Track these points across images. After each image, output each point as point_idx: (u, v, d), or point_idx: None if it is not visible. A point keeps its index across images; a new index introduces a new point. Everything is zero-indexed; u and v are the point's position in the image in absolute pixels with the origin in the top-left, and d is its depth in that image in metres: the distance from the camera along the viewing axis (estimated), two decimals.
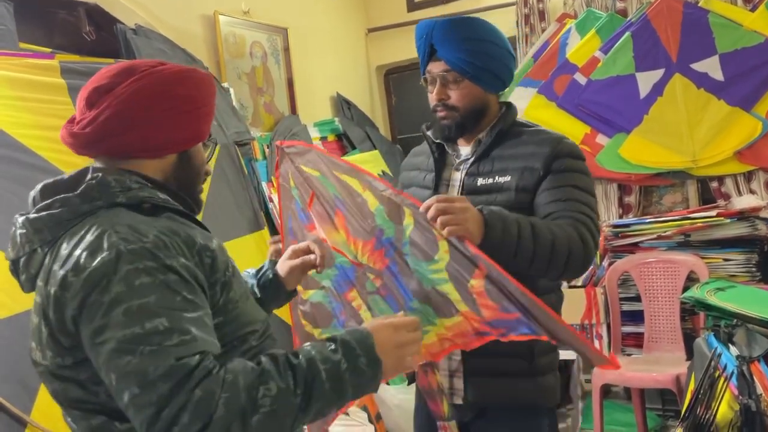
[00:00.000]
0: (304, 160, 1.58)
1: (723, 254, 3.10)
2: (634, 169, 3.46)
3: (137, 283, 0.90)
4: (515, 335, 1.35)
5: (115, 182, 1.01)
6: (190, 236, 0.99)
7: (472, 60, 1.52)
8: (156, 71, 1.05)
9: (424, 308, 1.44)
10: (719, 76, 3.30)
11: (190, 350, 0.89)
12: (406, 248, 1.44)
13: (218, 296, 1.01)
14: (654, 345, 3.15)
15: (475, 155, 1.60)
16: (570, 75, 3.60)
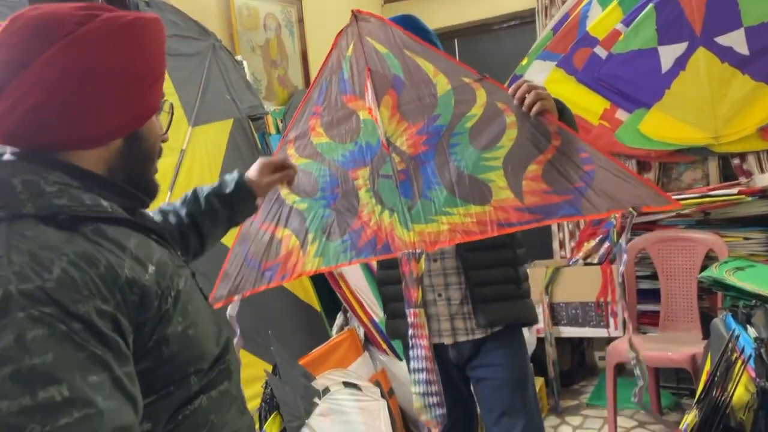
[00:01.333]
0: (374, 34, 1.65)
1: (743, 233, 3.07)
2: (655, 145, 3.41)
3: (30, 336, 0.69)
4: (554, 218, 1.50)
5: (23, 186, 0.79)
6: (112, 267, 0.77)
7: None
8: (81, 36, 0.81)
9: (445, 196, 1.58)
10: (744, 50, 3.21)
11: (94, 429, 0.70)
12: (457, 137, 1.58)
13: (147, 338, 0.81)
14: (670, 324, 3.13)
15: None
16: (590, 48, 3.52)
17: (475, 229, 1.55)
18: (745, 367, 1.76)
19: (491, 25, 4.17)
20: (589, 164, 1.47)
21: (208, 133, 2.52)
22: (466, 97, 1.57)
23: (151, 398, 0.82)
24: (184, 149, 2.40)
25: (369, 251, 1.68)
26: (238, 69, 2.82)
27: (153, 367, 0.82)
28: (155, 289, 0.82)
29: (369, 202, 1.69)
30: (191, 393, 0.87)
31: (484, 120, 1.56)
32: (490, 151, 1.55)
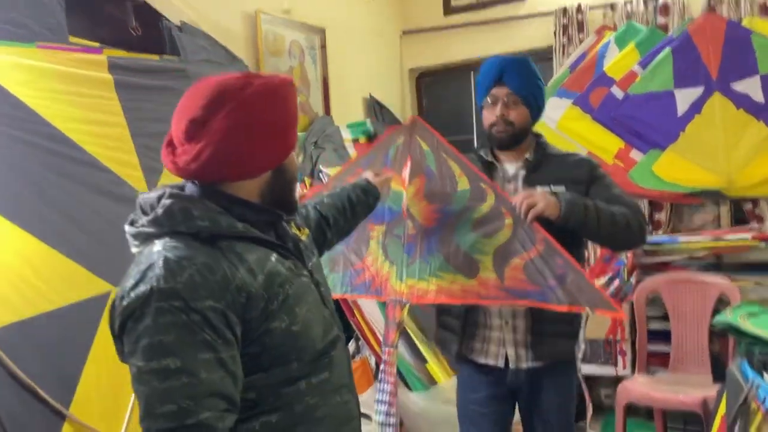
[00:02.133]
0: (423, 136, 2.06)
1: (755, 278, 3.09)
2: (667, 186, 3.43)
3: (162, 321, 1.00)
4: (522, 301, 1.87)
5: (180, 212, 1.09)
6: (227, 276, 1.06)
7: (530, 90, 1.98)
8: (244, 99, 1.10)
9: (440, 263, 1.95)
10: (760, 97, 3.26)
11: (195, 394, 0.99)
12: (463, 223, 1.95)
13: (254, 329, 1.09)
14: (680, 366, 3.14)
15: (527, 170, 2.02)
16: (607, 88, 3.57)
17: (458, 294, 1.93)
18: (764, 416, 1.77)
19: None
20: (562, 269, 1.82)
21: None
22: (479, 196, 1.94)
23: (257, 375, 1.09)
24: None
25: (362, 290, 2.08)
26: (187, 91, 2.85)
27: (259, 351, 1.09)
28: (262, 293, 1.09)
29: (376, 252, 2.08)
30: (292, 376, 1.13)
31: (488, 217, 1.92)
32: (487, 239, 1.92)
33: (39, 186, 1.93)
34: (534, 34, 4.00)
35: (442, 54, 4.32)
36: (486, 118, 2.02)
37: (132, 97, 2.21)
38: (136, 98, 2.22)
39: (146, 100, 2.26)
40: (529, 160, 2.02)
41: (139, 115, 2.22)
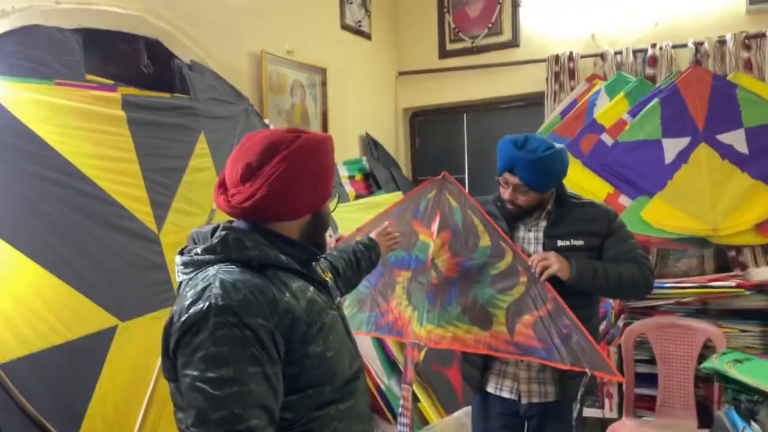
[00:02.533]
0: (452, 192, 2.28)
1: (740, 325, 3.17)
2: (654, 232, 3.53)
3: (218, 334, 1.10)
4: (528, 357, 2.06)
5: (234, 242, 1.22)
6: (275, 299, 1.16)
7: (540, 182, 2.09)
8: (296, 148, 1.25)
9: (458, 313, 2.16)
10: (744, 149, 3.39)
11: (245, 403, 1.08)
12: (482, 277, 2.16)
13: (295, 351, 1.18)
14: (666, 410, 3.20)
15: (549, 221, 2.18)
16: (597, 135, 3.69)
17: (471, 344, 2.12)
18: None
19: (500, 103, 4.34)
20: (567, 329, 2.00)
21: None
22: (498, 253, 2.14)
23: (294, 396, 1.18)
24: (215, 209, 2.47)
25: (385, 330, 2.29)
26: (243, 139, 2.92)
27: (297, 372, 1.19)
28: (304, 318, 1.20)
29: (400, 296, 2.28)
30: (324, 400, 1.22)
31: (505, 273, 2.12)
32: (503, 294, 2.12)
33: (51, 219, 1.96)
34: (526, 80, 4.12)
35: (435, 95, 4.43)
36: (500, 191, 2.18)
37: (143, 133, 2.26)
38: (147, 134, 2.27)
39: (157, 137, 2.31)
40: (550, 211, 2.17)
41: (150, 151, 2.27)
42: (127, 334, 2.03)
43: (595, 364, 2.00)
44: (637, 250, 2.16)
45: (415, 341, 2.21)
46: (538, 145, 2.07)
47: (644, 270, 2.11)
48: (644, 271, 2.11)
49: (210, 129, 2.54)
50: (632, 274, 2.09)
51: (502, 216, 2.22)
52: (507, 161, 2.09)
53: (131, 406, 1.98)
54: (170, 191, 2.31)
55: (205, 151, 2.49)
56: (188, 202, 2.36)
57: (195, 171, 2.43)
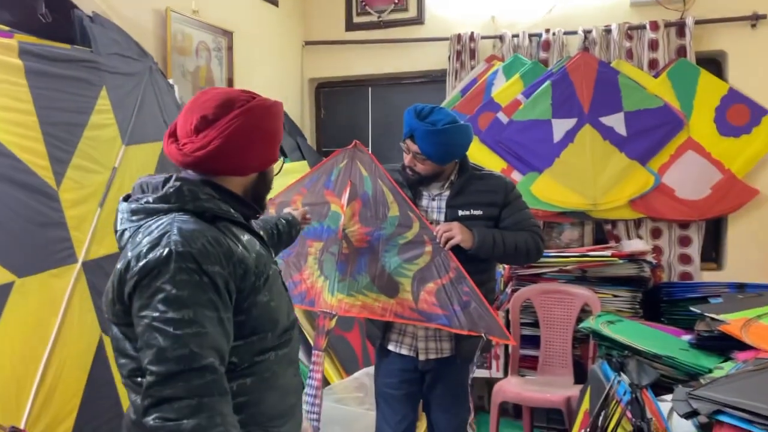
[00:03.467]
0: (363, 161, 2.32)
1: (613, 290, 3.46)
2: (542, 206, 3.77)
3: (178, 278, 1.14)
4: (430, 323, 2.20)
5: (188, 192, 1.26)
6: (230, 249, 1.23)
7: (439, 153, 2.17)
8: (250, 107, 1.30)
9: (367, 282, 2.27)
10: (623, 131, 3.68)
11: (203, 343, 1.13)
12: (390, 247, 2.26)
13: (244, 300, 1.25)
14: (547, 368, 3.45)
15: (451, 192, 2.28)
16: (493, 113, 3.87)
17: (378, 311, 2.25)
18: (623, 409, 2.03)
19: (403, 79, 4.42)
20: (467, 296, 2.15)
21: (140, 153, 2.52)
22: (406, 223, 2.24)
23: (240, 342, 1.25)
24: (117, 167, 2.39)
25: (298, 300, 2.37)
26: (170, 92, 2.84)
27: (245, 320, 1.25)
28: (254, 269, 1.26)
29: (312, 267, 2.37)
30: (266, 347, 1.30)
31: (411, 243, 2.23)
32: (409, 263, 2.23)
33: None
34: (430, 57, 4.22)
35: (341, 67, 4.45)
36: (404, 157, 2.27)
37: (42, 84, 2.14)
38: (45, 86, 2.15)
39: (56, 89, 2.19)
40: (453, 182, 2.28)
41: (49, 104, 2.15)
42: (24, 291, 1.94)
43: (490, 329, 2.17)
44: (530, 220, 2.33)
45: (327, 310, 2.30)
46: (440, 118, 2.15)
47: (536, 238, 2.29)
48: (536, 239, 2.29)
49: (112, 85, 2.44)
50: (526, 242, 2.25)
51: (407, 183, 2.30)
52: (408, 129, 2.19)
53: (29, 364, 1.91)
54: (70, 147, 2.21)
55: (107, 107, 2.40)
56: (89, 159, 2.27)
57: (96, 127, 2.33)
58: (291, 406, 1.39)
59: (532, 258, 2.35)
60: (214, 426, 1.11)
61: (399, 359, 2.33)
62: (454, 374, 2.32)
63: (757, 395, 1.72)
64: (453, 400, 2.33)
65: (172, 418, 1.09)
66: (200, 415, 1.10)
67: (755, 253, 3.62)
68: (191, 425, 1.09)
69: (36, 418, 1.88)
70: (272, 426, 1.32)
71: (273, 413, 1.32)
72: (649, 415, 1.96)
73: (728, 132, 3.58)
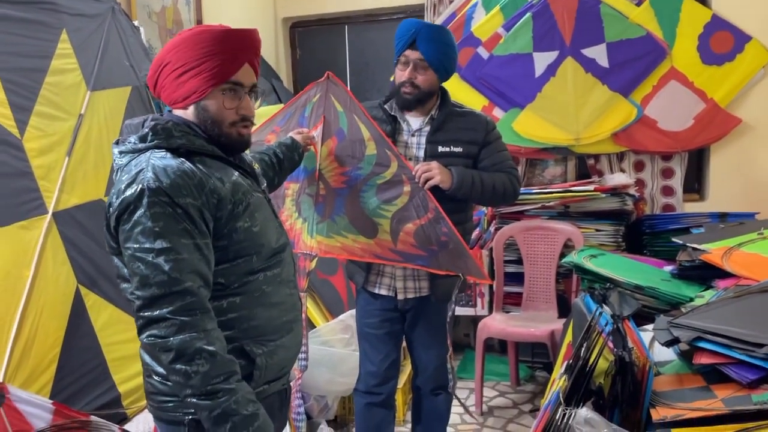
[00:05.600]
0: (337, 95, 2.21)
1: (596, 225, 3.47)
2: (524, 142, 3.73)
3: (152, 212, 1.25)
4: (409, 264, 2.20)
5: (162, 130, 1.35)
6: (202, 181, 1.31)
7: (440, 58, 2.13)
8: (171, 41, 1.38)
9: (345, 223, 2.23)
10: (605, 62, 3.61)
11: (181, 268, 1.24)
12: (368, 187, 2.19)
13: (224, 226, 1.34)
14: (531, 304, 3.48)
15: (432, 128, 2.23)
16: (473, 48, 3.78)
17: (358, 252, 2.23)
18: (605, 339, 2.05)
19: (380, 15, 4.29)
20: (445, 237, 2.14)
21: (106, 99, 2.43)
22: (384, 162, 2.16)
23: (226, 264, 1.35)
24: (83, 114, 2.31)
25: None
26: (135, 35, 2.73)
27: (227, 244, 1.35)
28: (229, 197, 1.34)
29: (290, 208, 2.31)
30: (253, 268, 1.39)
31: (390, 183, 2.17)
32: (387, 204, 2.19)
33: None
34: None
35: (315, 4, 4.31)
36: (397, 77, 2.20)
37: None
38: (2, 31, 2.05)
39: (13, 33, 2.08)
40: (433, 117, 2.24)
41: (6, 49, 2.04)
42: None
43: (468, 270, 2.18)
44: (508, 161, 2.30)
45: (307, 252, 2.29)
46: None
47: (513, 180, 2.27)
48: (513, 181, 2.26)
49: (73, 27, 2.33)
50: (504, 184, 2.23)
51: (387, 119, 2.25)
52: (408, 35, 2.13)
53: (3, 318, 1.88)
54: (32, 93, 2.12)
55: (69, 51, 2.29)
56: (53, 106, 2.18)
57: (58, 72, 2.23)
58: (287, 322, 1.48)
59: (508, 200, 2.33)
60: (198, 340, 1.23)
61: (379, 299, 2.34)
62: (432, 312, 2.34)
63: (736, 321, 1.73)
64: (433, 338, 2.35)
65: (161, 336, 1.23)
66: (184, 332, 1.23)
67: (737, 182, 3.62)
68: (177, 341, 1.22)
69: (14, 370, 1.86)
70: (267, 339, 1.42)
71: (267, 328, 1.42)
72: (630, 344, 1.97)
73: (711, 60, 3.52)
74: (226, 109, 1.40)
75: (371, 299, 2.36)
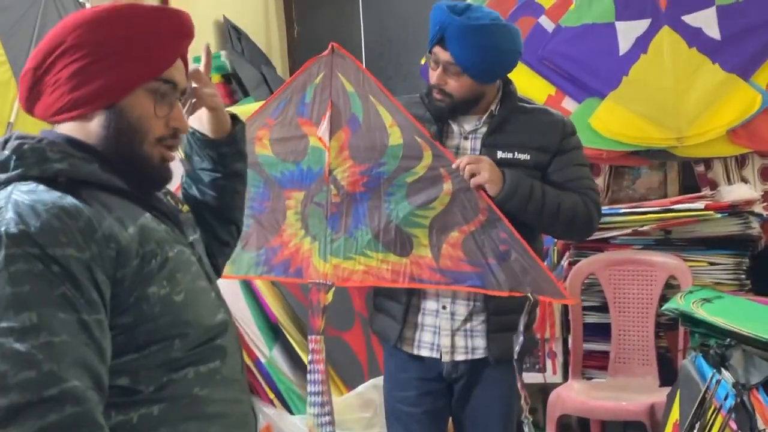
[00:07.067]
0: (346, 72, 2.24)
1: (708, 256, 3.44)
2: (607, 144, 3.72)
3: (12, 270, 1.08)
4: (459, 286, 2.19)
5: (31, 152, 1.20)
6: (91, 223, 1.14)
7: (478, 62, 2.14)
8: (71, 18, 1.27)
9: (369, 239, 2.25)
10: (715, 33, 3.60)
11: (57, 358, 1.06)
12: (396, 188, 2.22)
13: (128, 293, 1.18)
14: (622, 367, 3.46)
15: (489, 128, 2.26)
16: (534, 18, 3.81)
17: (388, 276, 2.24)
18: (724, 417, 2.04)
19: None
20: (505, 245, 2.12)
21: None
22: (414, 154, 2.18)
23: (132, 356, 1.18)
24: (12, 122, 2.38)
25: (280, 271, 2.33)
26: None
27: (133, 323, 1.18)
28: (135, 248, 1.19)
29: (294, 225, 2.31)
30: (175, 359, 1.22)
31: (424, 180, 2.19)
32: (423, 209, 2.19)
33: None
34: None
35: None
36: (429, 75, 2.24)
37: None
38: None
39: None
40: (494, 113, 2.27)
41: None
42: None
43: (539, 287, 2.15)
44: (586, 180, 2.32)
45: (320, 281, 2.28)
46: (481, 15, 2.14)
47: (590, 205, 2.26)
48: (589, 207, 2.26)
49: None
50: (574, 207, 2.22)
51: (432, 118, 2.27)
52: (437, 29, 2.15)
53: None
54: None
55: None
56: None
57: None
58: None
59: (579, 231, 2.36)
60: None
61: (417, 364, 2.33)
62: (493, 381, 2.32)
63: None
64: (493, 418, 2.33)
65: None
66: None
67: None
68: None
69: None
70: None
71: None
72: (761, 425, 1.97)
73: None
74: (154, 117, 1.29)
75: (406, 364, 2.35)
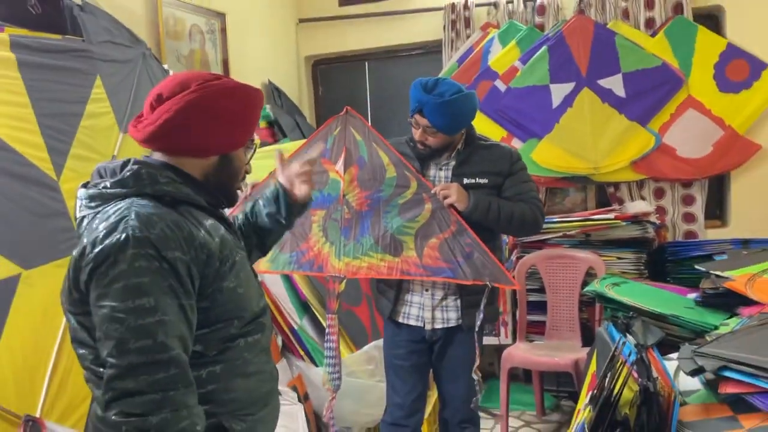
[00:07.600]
0: (356, 127, 2.36)
1: (617, 253, 3.45)
2: (543, 172, 3.74)
3: (137, 265, 1.09)
4: (436, 277, 2.24)
5: (147, 176, 1.21)
6: (192, 234, 1.18)
7: (449, 124, 2.20)
8: (207, 86, 1.25)
9: (371, 244, 2.31)
10: (621, 92, 3.63)
11: (167, 332, 1.09)
12: (391, 207, 2.30)
13: (209, 285, 1.20)
14: (555, 333, 3.45)
15: (458, 161, 2.31)
16: (491, 81, 3.83)
17: (385, 271, 2.29)
18: (629, 369, 2.03)
19: (399, 51, 4.36)
20: (469, 248, 2.21)
21: None
22: (404, 183, 2.29)
23: (206, 330, 1.21)
24: (116, 155, 2.38)
25: (307, 267, 2.42)
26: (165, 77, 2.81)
27: (209, 307, 1.20)
28: (218, 254, 1.21)
29: (317, 234, 2.40)
30: (232, 334, 1.25)
31: (411, 202, 2.28)
32: (410, 222, 2.27)
33: None
34: (424, 29, 4.16)
35: (336, 43, 4.40)
36: (413, 132, 2.29)
37: (36, 76, 2.11)
38: (39, 77, 2.13)
39: (50, 80, 2.17)
40: (459, 151, 2.31)
41: (44, 95, 2.13)
42: (31, 282, 1.95)
43: (495, 277, 2.20)
44: (531, 192, 2.33)
45: (336, 274, 2.35)
46: (446, 89, 2.16)
47: (535, 211, 2.29)
48: (534, 212, 2.29)
49: (106, 73, 2.41)
50: (523, 213, 2.26)
51: (414, 156, 2.32)
52: (416, 103, 2.20)
53: (41, 353, 1.93)
54: (68, 137, 2.20)
55: (103, 95, 2.37)
56: (88, 148, 2.26)
57: (93, 116, 2.31)
58: (266, 393, 1.35)
59: (530, 230, 2.37)
60: (181, 420, 1.08)
61: (407, 330, 2.36)
62: (461, 342, 2.34)
63: (762, 349, 1.71)
64: (461, 370, 2.35)
65: (136, 413, 1.05)
66: (166, 410, 1.06)
67: (759, 208, 3.58)
68: (156, 420, 1.05)
69: (51, 406, 1.90)
70: (245, 413, 1.28)
71: (246, 401, 1.29)
72: (654, 374, 1.96)
73: (728, 88, 3.52)
74: (244, 165, 1.39)
75: (398, 330, 2.39)
